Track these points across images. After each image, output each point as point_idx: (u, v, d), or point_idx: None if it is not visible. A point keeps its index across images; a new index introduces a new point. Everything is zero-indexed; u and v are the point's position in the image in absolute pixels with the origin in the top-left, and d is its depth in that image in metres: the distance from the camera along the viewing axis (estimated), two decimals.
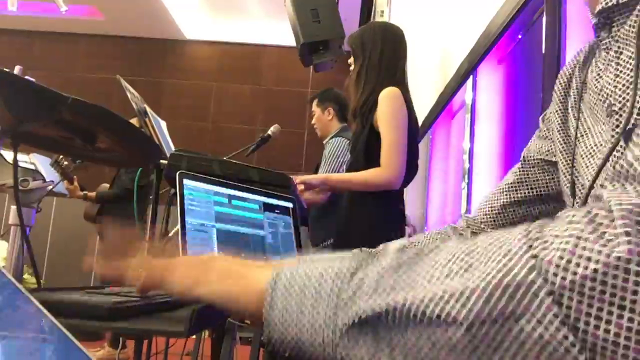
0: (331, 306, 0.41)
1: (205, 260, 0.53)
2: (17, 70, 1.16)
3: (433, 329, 0.37)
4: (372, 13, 5.56)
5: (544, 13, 1.90)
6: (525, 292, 0.35)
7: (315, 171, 2.92)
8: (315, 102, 2.96)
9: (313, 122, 2.96)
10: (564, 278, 0.34)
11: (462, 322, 0.36)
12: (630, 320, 0.32)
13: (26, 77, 0.95)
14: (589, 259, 0.33)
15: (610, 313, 0.33)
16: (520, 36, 2.65)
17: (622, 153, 0.53)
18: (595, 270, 0.33)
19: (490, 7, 2.13)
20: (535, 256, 0.35)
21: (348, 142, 2.69)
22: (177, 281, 0.51)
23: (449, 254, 0.40)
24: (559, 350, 0.33)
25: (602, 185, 0.57)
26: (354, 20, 6.10)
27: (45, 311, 0.35)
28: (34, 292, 0.57)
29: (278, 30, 6.65)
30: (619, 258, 0.33)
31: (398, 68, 1.98)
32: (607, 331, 0.33)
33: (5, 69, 0.83)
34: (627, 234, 0.33)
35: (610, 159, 0.54)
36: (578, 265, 0.34)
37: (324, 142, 2.89)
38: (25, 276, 4.41)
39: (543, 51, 1.88)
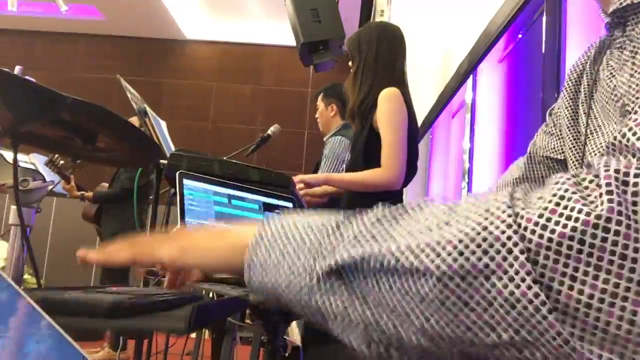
0: (312, 253, 0.42)
1: (191, 230, 0.54)
2: (17, 70, 1.16)
3: (406, 278, 0.37)
4: (372, 13, 5.56)
5: (544, 12, 1.90)
6: (500, 248, 0.34)
7: (316, 169, 2.93)
8: (320, 97, 2.97)
9: (316, 115, 2.99)
10: (541, 236, 0.33)
11: (433, 273, 0.36)
12: (606, 281, 0.31)
13: (26, 77, 0.95)
14: (568, 217, 0.33)
15: (585, 273, 0.32)
16: (520, 36, 2.65)
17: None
18: (574, 229, 0.32)
19: (490, 7, 2.13)
20: (515, 214, 0.35)
21: (348, 141, 2.69)
22: (166, 249, 0.51)
23: (433, 209, 0.40)
24: (528, 308, 0.33)
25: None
26: (354, 20, 6.10)
27: (41, 311, 0.35)
28: (34, 292, 0.57)
29: (278, 30, 6.65)
30: (599, 217, 0.32)
31: (396, 68, 1.98)
32: (581, 292, 0.32)
33: (5, 69, 0.83)
34: (610, 192, 0.33)
35: None
36: (557, 223, 0.33)
37: (325, 139, 2.90)
38: (26, 276, 4.41)
39: (543, 51, 1.88)
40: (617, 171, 0.33)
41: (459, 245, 0.35)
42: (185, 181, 0.96)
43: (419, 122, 2.35)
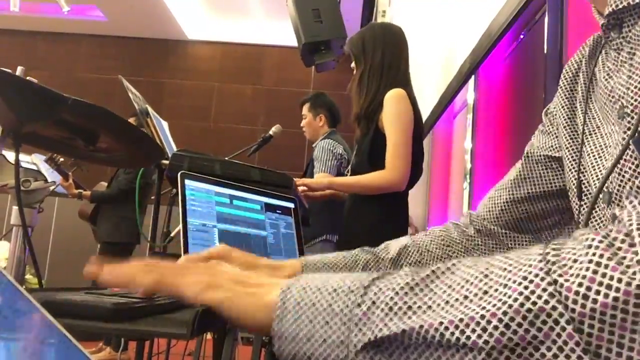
0: (344, 321, 0.41)
1: (215, 268, 0.52)
2: (19, 70, 1.16)
3: (452, 353, 0.37)
4: (374, 13, 5.56)
5: (546, 12, 1.90)
6: (546, 319, 0.34)
7: (305, 171, 2.94)
8: (307, 106, 2.96)
9: (302, 125, 2.97)
10: (584, 306, 0.33)
11: (482, 348, 0.35)
12: None
13: (28, 77, 0.95)
14: (609, 287, 0.33)
15: (632, 340, 0.32)
16: (522, 36, 2.64)
17: (630, 155, 0.52)
18: (616, 299, 0.33)
19: (492, 7, 2.12)
20: (554, 282, 0.35)
21: (337, 143, 2.74)
22: (187, 286, 0.49)
23: (466, 275, 0.39)
24: None
25: (619, 204, 0.56)
26: (355, 20, 6.09)
27: (45, 312, 0.35)
28: (36, 293, 0.57)
29: (279, 31, 6.65)
30: (639, 286, 0.32)
31: (400, 69, 1.97)
32: (630, 358, 0.32)
33: (7, 70, 0.83)
34: None
35: (620, 162, 0.54)
36: (598, 293, 0.33)
37: (313, 145, 2.92)
38: (27, 276, 4.41)
39: (545, 51, 1.88)
40: None
41: (505, 318, 0.35)
42: (187, 181, 0.96)
43: None
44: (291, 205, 1.16)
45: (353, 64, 2.04)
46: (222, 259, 0.69)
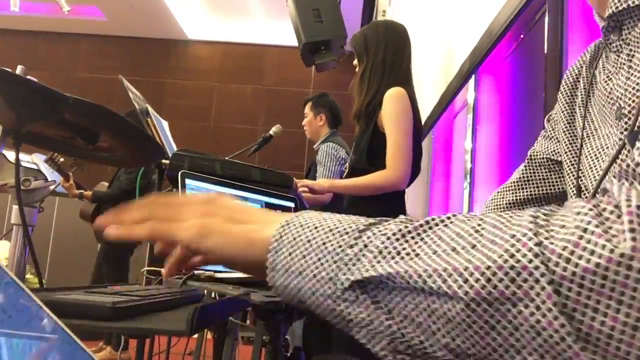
0: (335, 260, 0.42)
1: (212, 203, 0.52)
2: (19, 70, 1.16)
3: (432, 300, 0.38)
4: (374, 13, 5.56)
5: (546, 12, 1.90)
6: (527, 277, 0.35)
7: (308, 172, 2.96)
8: (309, 105, 3.02)
9: (304, 123, 3.03)
10: (565, 269, 0.34)
11: (461, 297, 0.37)
12: (627, 315, 0.33)
13: (28, 77, 0.95)
14: (592, 252, 0.34)
15: (607, 306, 0.33)
16: (522, 36, 2.64)
17: (626, 155, 0.52)
18: (598, 265, 0.34)
19: (492, 7, 2.12)
20: (540, 243, 0.36)
21: (338, 146, 2.79)
22: (180, 231, 0.50)
23: (457, 228, 0.40)
24: (554, 337, 0.34)
25: (603, 177, 0.57)
26: (356, 20, 6.09)
27: (48, 311, 0.35)
28: (36, 292, 0.57)
29: (280, 30, 6.65)
30: (622, 254, 0.33)
31: (402, 67, 1.97)
32: (602, 323, 0.33)
33: (7, 69, 0.83)
34: (632, 230, 0.34)
35: (617, 162, 0.54)
36: (581, 257, 0.34)
37: (314, 147, 2.96)
38: (28, 276, 4.41)
39: (545, 51, 1.88)
40: (638, 207, 0.34)
41: (487, 272, 0.36)
42: (187, 181, 0.96)
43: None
44: (291, 204, 1.17)
45: (356, 62, 2.04)
46: None
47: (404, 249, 0.41)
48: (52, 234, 6.24)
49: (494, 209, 0.89)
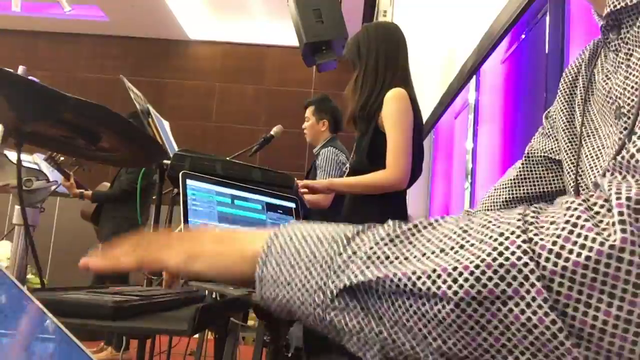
0: (324, 268, 0.42)
1: (198, 233, 0.53)
2: (20, 70, 1.16)
3: (422, 302, 0.38)
4: (375, 13, 5.56)
5: (548, 12, 1.90)
6: (517, 275, 0.35)
7: (308, 173, 2.96)
8: (311, 109, 2.97)
9: (304, 126, 2.98)
10: (555, 264, 0.34)
11: (451, 298, 0.36)
12: (619, 308, 0.32)
13: (30, 77, 0.95)
14: (582, 246, 0.34)
15: (599, 300, 0.33)
16: (523, 36, 2.64)
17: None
18: (588, 258, 0.33)
19: (493, 7, 2.12)
20: (529, 240, 0.35)
21: (339, 151, 2.78)
22: (168, 259, 0.50)
23: (445, 230, 0.40)
24: (546, 334, 0.34)
25: (603, 175, 0.57)
26: (356, 20, 6.09)
27: (47, 312, 0.35)
28: (37, 292, 0.57)
29: (281, 31, 6.65)
30: (612, 247, 0.33)
31: (399, 67, 1.97)
32: (595, 318, 0.33)
33: (9, 69, 0.83)
34: (623, 222, 0.33)
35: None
36: (571, 252, 0.34)
37: (314, 151, 2.94)
38: (29, 276, 4.42)
39: (546, 51, 1.88)
40: (628, 199, 0.34)
41: (476, 271, 0.36)
42: (188, 181, 0.96)
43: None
44: (292, 205, 1.17)
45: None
46: None
47: (392, 253, 0.40)
48: (53, 234, 6.25)
49: (490, 206, 0.89)
